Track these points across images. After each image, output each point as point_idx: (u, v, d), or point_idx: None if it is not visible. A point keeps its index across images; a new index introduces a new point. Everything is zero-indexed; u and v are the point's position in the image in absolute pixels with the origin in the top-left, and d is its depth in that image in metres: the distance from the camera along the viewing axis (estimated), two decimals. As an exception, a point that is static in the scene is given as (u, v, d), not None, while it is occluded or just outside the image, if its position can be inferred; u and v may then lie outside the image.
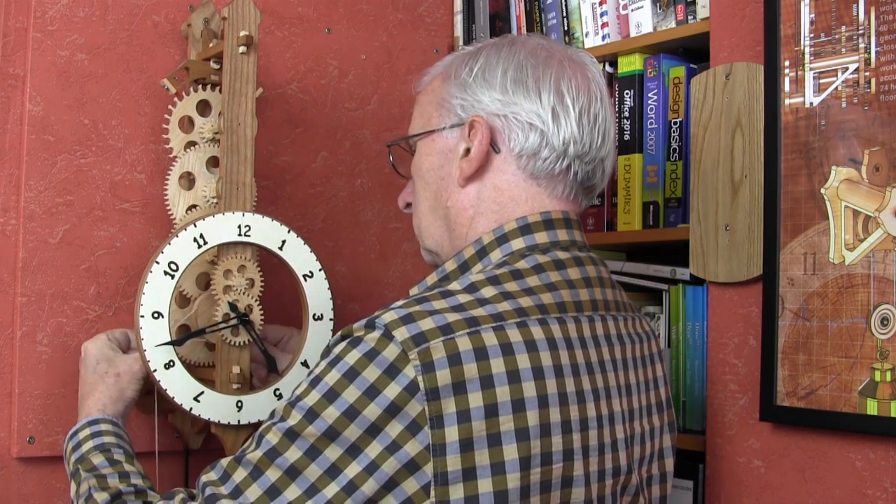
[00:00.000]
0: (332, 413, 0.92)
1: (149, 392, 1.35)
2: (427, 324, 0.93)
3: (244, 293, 1.36)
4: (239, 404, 1.34)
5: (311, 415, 0.93)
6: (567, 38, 1.66)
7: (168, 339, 1.29)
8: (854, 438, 1.21)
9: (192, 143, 1.42)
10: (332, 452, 0.92)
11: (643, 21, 1.55)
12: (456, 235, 1.11)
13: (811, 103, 1.26)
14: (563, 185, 1.09)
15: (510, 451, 0.92)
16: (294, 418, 0.94)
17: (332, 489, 0.92)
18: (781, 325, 1.27)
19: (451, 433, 0.91)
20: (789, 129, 1.28)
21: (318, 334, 1.40)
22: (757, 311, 1.32)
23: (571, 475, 0.97)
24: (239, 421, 1.34)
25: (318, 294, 1.40)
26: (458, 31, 1.83)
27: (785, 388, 1.27)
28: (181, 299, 1.39)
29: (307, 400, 0.94)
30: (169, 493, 1.05)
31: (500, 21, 1.79)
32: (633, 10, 1.57)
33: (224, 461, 0.99)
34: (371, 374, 0.92)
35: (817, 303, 1.24)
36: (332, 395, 0.93)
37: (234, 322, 1.34)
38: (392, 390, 0.91)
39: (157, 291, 1.29)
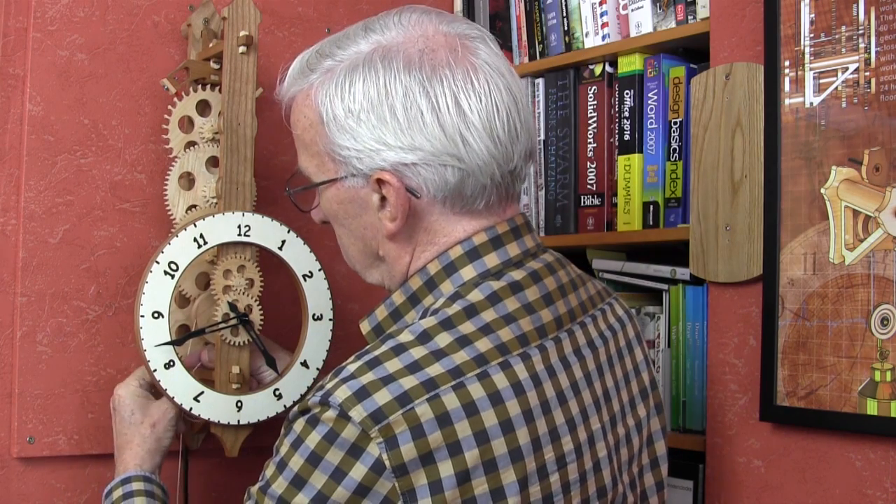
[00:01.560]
0: (301, 500, 0.89)
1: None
2: (383, 396, 0.88)
3: (244, 293, 1.36)
4: (239, 404, 1.34)
5: (282, 503, 0.91)
6: (567, 38, 1.66)
7: (168, 339, 1.29)
8: (854, 438, 1.21)
9: (191, 143, 1.42)
10: None
11: (643, 21, 1.55)
12: (397, 272, 1.03)
13: (811, 103, 1.26)
14: (495, 197, 1.00)
15: None
16: None
17: None
18: (781, 325, 1.27)
19: None
20: (789, 129, 1.28)
21: (317, 334, 1.40)
22: (757, 311, 1.32)
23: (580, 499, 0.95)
24: (238, 421, 1.34)
25: (317, 294, 1.40)
26: (458, 31, 1.83)
27: (785, 388, 1.27)
28: (181, 299, 1.39)
29: (276, 487, 0.91)
30: None
31: (500, 21, 1.79)
32: (633, 10, 1.57)
33: None
34: (334, 456, 0.88)
35: (817, 303, 1.24)
36: (298, 482, 0.90)
37: (233, 322, 1.34)
38: (358, 471, 0.87)
39: (157, 291, 1.29)
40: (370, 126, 0.96)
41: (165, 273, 1.30)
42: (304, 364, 1.39)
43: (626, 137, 1.56)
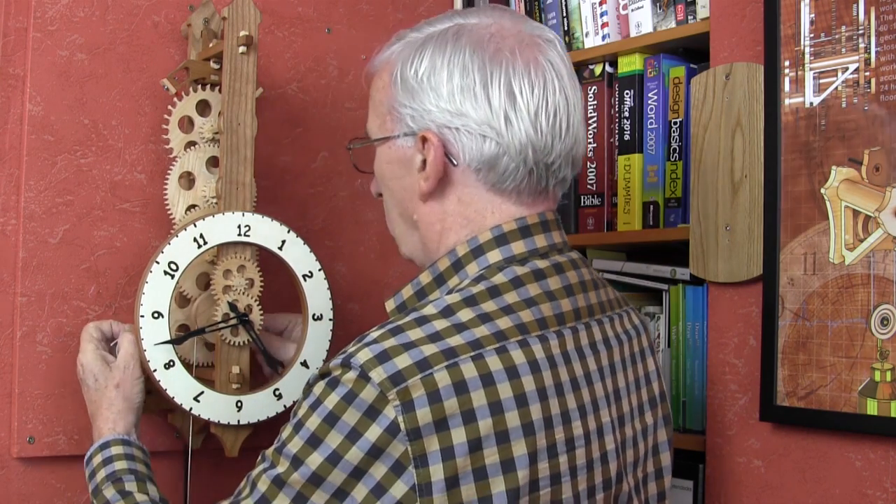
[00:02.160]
0: (315, 459, 0.92)
1: (149, 392, 1.35)
2: (403, 360, 0.91)
3: (244, 293, 1.36)
4: (239, 404, 1.34)
5: (296, 462, 0.93)
6: (567, 38, 1.66)
7: (168, 339, 1.29)
8: (854, 438, 1.21)
9: (191, 143, 1.42)
10: (319, 498, 0.92)
11: (643, 21, 1.55)
12: (428, 248, 1.08)
13: (811, 103, 1.26)
14: (529, 190, 1.04)
15: (497, 484, 0.91)
16: (282, 465, 0.94)
17: None
18: (781, 325, 1.27)
19: (437, 471, 0.89)
20: (789, 129, 1.28)
21: (317, 334, 1.40)
22: (757, 311, 1.32)
23: (560, 498, 0.96)
24: (239, 421, 1.34)
25: (317, 294, 1.40)
26: (458, 31, 1.83)
27: (785, 388, 1.27)
28: (181, 299, 1.39)
29: (291, 446, 0.94)
30: None
31: (500, 21, 1.79)
32: (633, 10, 1.57)
33: (231, 499, 1.00)
34: (351, 417, 0.91)
35: (817, 303, 1.24)
36: (314, 441, 0.92)
37: (233, 322, 1.34)
38: (373, 433, 0.90)
39: (157, 291, 1.29)
40: (428, 89, 1.03)
41: (165, 273, 1.30)
42: (304, 364, 1.39)
43: (626, 137, 1.56)
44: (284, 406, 1.38)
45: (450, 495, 0.90)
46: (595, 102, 1.61)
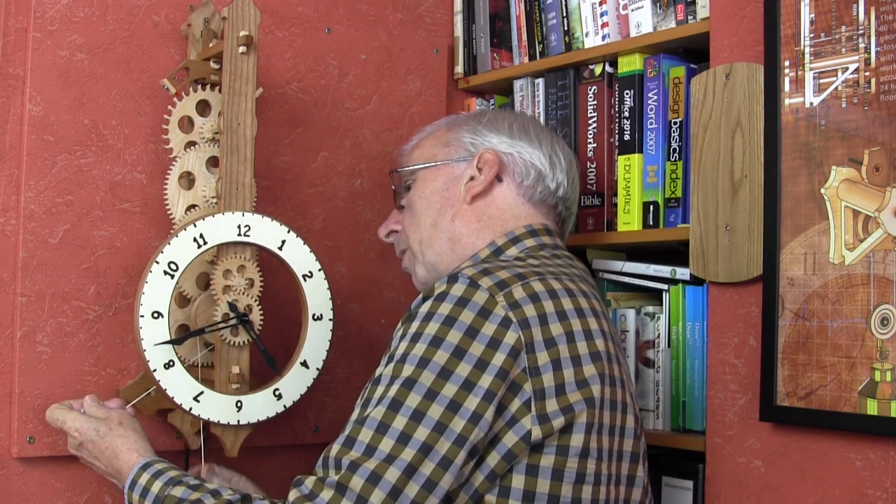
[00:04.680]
0: (441, 356, 1.05)
1: (148, 392, 1.35)
2: (504, 273, 1.11)
3: (244, 293, 1.36)
4: (238, 404, 1.34)
5: (423, 362, 1.05)
6: (567, 38, 1.66)
7: (168, 339, 1.29)
8: (854, 438, 1.21)
9: (191, 143, 1.42)
10: (449, 390, 1.04)
11: (643, 21, 1.55)
12: (461, 245, 1.29)
13: (811, 103, 1.26)
14: (551, 214, 1.33)
15: (589, 369, 1.10)
16: (407, 370, 1.05)
17: (458, 423, 1.03)
18: (781, 325, 1.27)
19: (542, 357, 1.08)
20: (789, 129, 1.28)
21: (317, 334, 1.40)
22: (757, 311, 1.32)
23: (604, 397, 1.12)
24: (238, 421, 1.34)
25: (317, 294, 1.40)
26: (458, 31, 1.83)
27: (785, 388, 1.27)
28: (181, 299, 1.39)
29: (414, 352, 1.06)
30: (296, 481, 1.05)
31: (500, 21, 1.79)
32: (633, 10, 1.57)
33: (342, 434, 1.06)
34: (467, 317, 1.07)
35: (817, 303, 1.24)
36: (437, 342, 1.06)
37: (233, 322, 1.34)
38: (489, 328, 1.06)
39: (156, 291, 1.29)
40: (489, 128, 1.33)
41: (165, 273, 1.30)
42: (304, 364, 1.39)
43: (626, 137, 1.56)
44: (284, 406, 1.38)
45: (555, 375, 1.08)
46: (595, 102, 1.61)
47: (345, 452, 1.03)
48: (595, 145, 1.61)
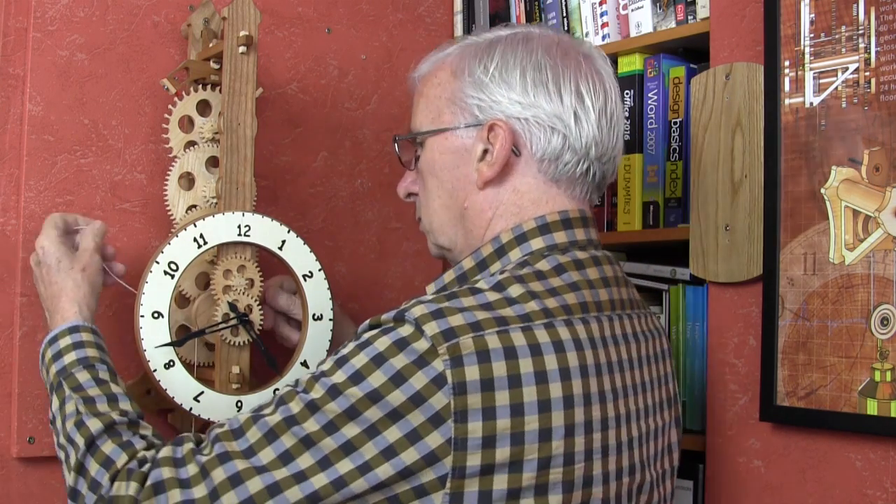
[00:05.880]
0: (355, 393, 0.94)
1: (148, 392, 1.35)
2: (457, 320, 0.94)
3: (244, 293, 1.36)
4: (239, 404, 1.34)
5: (335, 391, 0.95)
6: (567, 38, 1.66)
7: (168, 339, 1.29)
8: (854, 438, 1.21)
9: (191, 143, 1.42)
10: (350, 430, 0.93)
11: (643, 21, 1.55)
12: (472, 235, 1.11)
13: (811, 103, 1.26)
14: (582, 186, 1.10)
15: (531, 451, 0.93)
16: (317, 392, 0.96)
17: (345, 465, 0.93)
18: (781, 325, 1.27)
19: (475, 429, 0.92)
20: (789, 129, 1.28)
21: (317, 334, 1.40)
22: (757, 311, 1.32)
23: (592, 474, 0.98)
24: (239, 421, 1.34)
25: (317, 294, 1.40)
26: (458, 30, 1.83)
27: (785, 388, 1.27)
28: (181, 299, 1.39)
29: (333, 378, 0.96)
30: (178, 439, 1.04)
31: (500, 21, 1.79)
32: (633, 10, 1.57)
33: (241, 417, 1.00)
34: (399, 361, 0.93)
35: (817, 303, 1.24)
36: (357, 378, 0.94)
37: (233, 322, 1.34)
38: (419, 380, 0.92)
39: (157, 291, 1.29)
40: (500, 81, 1.08)
41: (165, 273, 1.30)
42: (304, 364, 1.39)
43: (626, 137, 1.56)
44: (284, 406, 1.38)
45: (484, 453, 0.92)
46: (595, 102, 1.61)
47: (228, 439, 0.98)
48: (595, 145, 1.61)
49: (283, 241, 1.38)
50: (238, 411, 1.34)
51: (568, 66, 1.08)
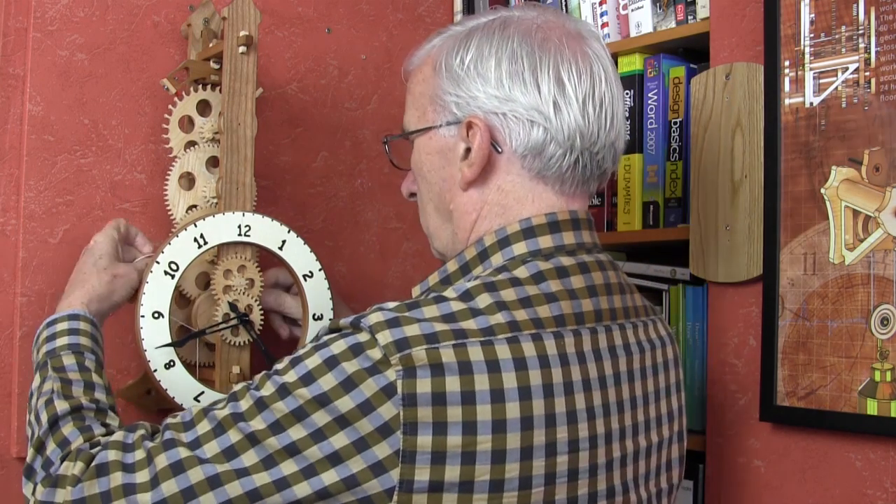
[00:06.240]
0: (304, 394, 0.91)
1: (148, 392, 1.35)
2: (412, 330, 0.91)
3: (244, 293, 1.36)
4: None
5: (283, 391, 0.92)
6: (567, 38, 1.66)
7: (168, 339, 1.29)
8: (854, 438, 1.21)
9: (192, 143, 1.42)
10: (296, 432, 0.91)
11: (643, 21, 1.55)
12: (458, 238, 1.07)
13: (811, 103, 1.26)
14: (572, 180, 1.03)
15: (482, 472, 0.90)
16: (267, 390, 0.94)
17: (289, 467, 0.91)
18: (781, 325, 1.27)
19: (425, 443, 0.88)
20: (789, 129, 1.28)
21: (318, 334, 1.40)
22: (757, 311, 1.32)
23: (554, 499, 0.93)
24: (239, 421, 1.34)
25: (317, 294, 1.40)
26: (458, 31, 1.83)
27: (785, 387, 1.27)
28: (181, 299, 1.39)
29: (283, 377, 0.94)
30: (132, 426, 1.03)
31: (500, 21, 1.79)
32: (633, 10, 1.57)
33: (194, 409, 0.99)
34: (351, 367, 0.90)
35: (817, 303, 1.24)
36: (308, 379, 0.92)
37: (234, 322, 1.35)
38: (369, 388, 0.89)
39: (157, 291, 1.29)
40: (475, 75, 1.03)
41: (165, 273, 1.30)
42: (305, 364, 1.39)
43: (627, 137, 1.56)
44: (284, 406, 1.38)
45: (433, 469, 0.89)
46: (595, 102, 1.61)
47: (177, 430, 0.97)
48: (595, 145, 1.61)
49: (284, 241, 1.38)
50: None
51: (547, 52, 1.01)
